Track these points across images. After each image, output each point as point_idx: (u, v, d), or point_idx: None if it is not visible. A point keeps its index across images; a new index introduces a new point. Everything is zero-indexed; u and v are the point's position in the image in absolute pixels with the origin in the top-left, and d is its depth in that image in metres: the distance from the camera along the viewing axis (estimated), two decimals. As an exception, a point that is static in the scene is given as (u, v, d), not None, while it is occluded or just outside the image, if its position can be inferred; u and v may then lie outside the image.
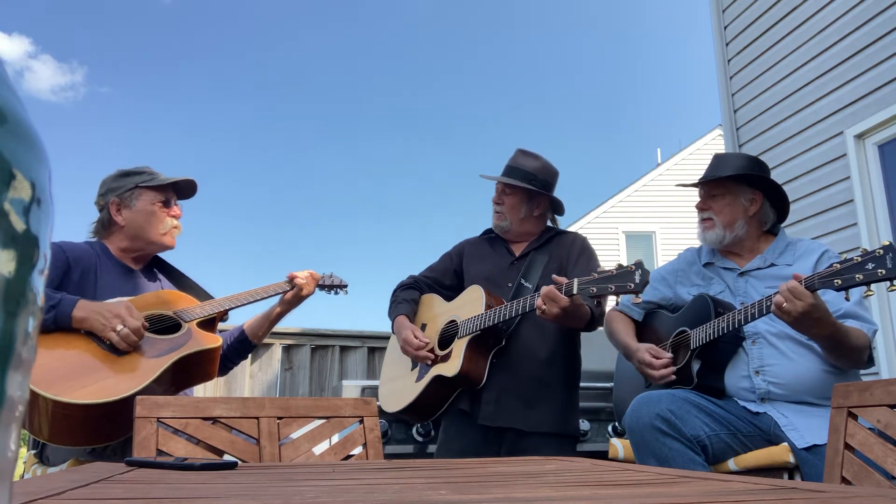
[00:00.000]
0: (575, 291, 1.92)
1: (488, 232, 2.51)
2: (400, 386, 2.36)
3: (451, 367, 2.16)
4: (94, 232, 2.10)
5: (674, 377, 2.03)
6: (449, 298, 2.44)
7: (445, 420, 2.34)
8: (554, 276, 1.99)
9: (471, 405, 2.22)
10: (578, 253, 2.33)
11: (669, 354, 2.07)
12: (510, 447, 2.16)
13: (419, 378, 2.28)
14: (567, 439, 2.24)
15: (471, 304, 2.25)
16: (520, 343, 2.22)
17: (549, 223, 2.47)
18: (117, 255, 2.05)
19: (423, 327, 2.41)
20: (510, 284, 2.31)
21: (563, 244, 2.37)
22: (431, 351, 2.26)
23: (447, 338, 2.27)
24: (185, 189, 2.14)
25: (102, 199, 2.07)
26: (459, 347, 2.18)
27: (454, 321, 2.28)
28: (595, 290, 1.89)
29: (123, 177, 2.07)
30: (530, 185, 2.32)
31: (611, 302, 2.34)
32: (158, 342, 1.85)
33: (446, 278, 2.50)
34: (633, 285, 1.83)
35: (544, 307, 1.94)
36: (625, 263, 1.99)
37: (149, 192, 2.05)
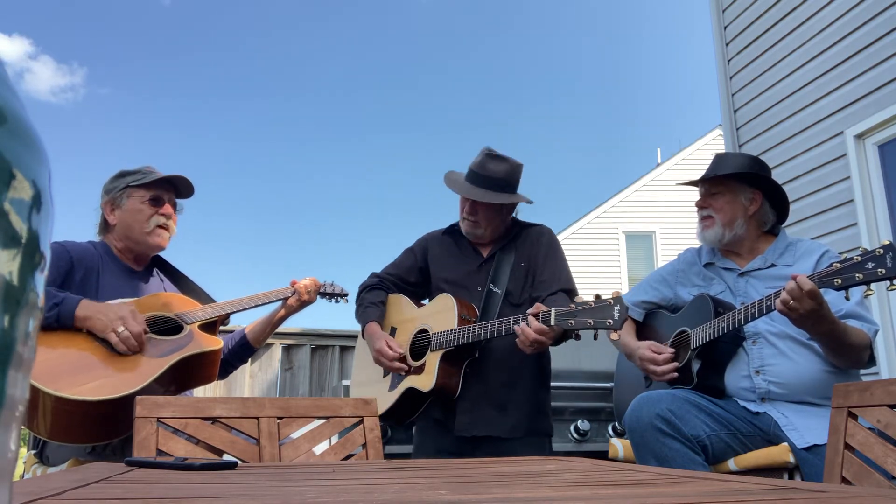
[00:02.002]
0: (552, 323, 1.90)
1: (453, 227, 2.43)
2: (372, 392, 2.33)
3: (425, 382, 2.13)
4: (98, 233, 2.11)
5: (676, 374, 2.03)
6: (416, 296, 2.41)
7: (419, 425, 2.31)
8: (531, 310, 1.97)
9: (444, 414, 2.19)
10: (545, 254, 2.28)
11: (671, 350, 2.07)
12: (485, 453, 2.13)
13: (392, 387, 2.25)
14: (543, 439, 2.21)
15: (443, 315, 2.20)
16: (491, 352, 2.20)
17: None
18: (118, 255, 2.05)
19: (393, 331, 2.36)
20: (479, 289, 2.26)
21: (529, 239, 2.32)
22: (404, 360, 2.22)
23: (419, 348, 2.23)
24: (181, 187, 2.12)
25: (101, 200, 2.08)
26: (433, 362, 2.15)
27: (426, 331, 2.23)
28: (573, 323, 1.87)
29: (119, 177, 2.07)
30: (503, 195, 2.23)
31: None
32: (160, 343, 1.85)
33: (411, 275, 2.43)
34: (611, 322, 1.82)
35: (537, 339, 1.93)
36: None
37: (138, 190, 2.04)
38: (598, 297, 1.89)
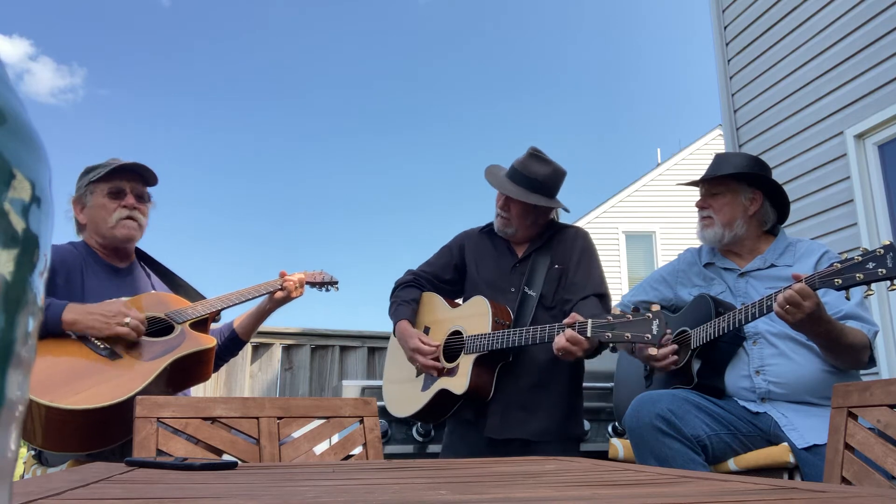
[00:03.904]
0: (589, 335, 1.89)
1: (489, 226, 2.43)
2: (406, 392, 2.33)
3: (458, 384, 2.13)
4: (77, 233, 2.07)
5: (676, 357, 2.01)
6: (451, 294, 2.41)
7: (451, 424, 2.32)
8: (567, 320, 1.95)
9: (475, 416, 2.19)
10: (579, 256, 2.28)
11: (671, 344, 2.05)
12: (515, 454, 2.11)
13: (425, 388, 2.25)
14: (571, 442, 2.21)
15: (477, 319, 2.20)
16: (524, 354, 2.19)
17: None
18: (99, 253, 2.01)
19: (426, 331, 2.36)
20: (513, 290, 2.27)
21: (565, 242, 2.31)
22: (437, 360, 2.22)
23: (452, 350, 2.23)
24: (140, 174, 2.04)
25: (71, 200, 2.05)
26: (466, 364, 2.15)
27: (459, 333, 2.23)
28: (610, 336, 1.86)
29: (83, 175, 2.03)
30: (540, 197, 2.23)
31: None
32: (152, 345, 1.84)
33: (446, 273, 2.44)
34: (650, 337, 1.80)
35: (566, 347, 1.92)
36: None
37: (99, 185, 1.99)
38: (636, 309, 1.87)
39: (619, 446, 2.35)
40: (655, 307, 1.85)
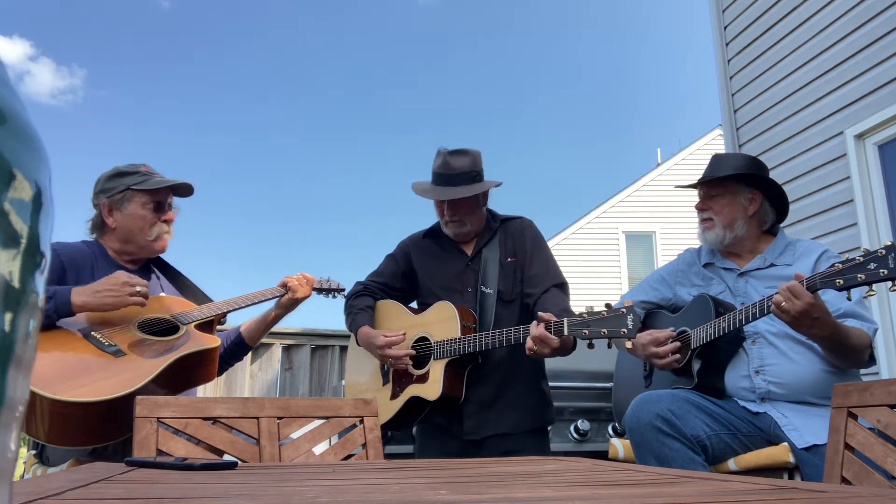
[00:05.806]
0: (566, 333, 1.91)
1: (432, 229, 2.43)
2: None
3: (431, 391, 2.14)
4: (89, 230, 2.07)
5: (678, 355, 2.03)
6: (404, 300, 2.41)
7: (421, 429, 2.32)
8: (540, 313, 1.97)
9: (448, 421, 2.20)
10: (532, 248, 2.28)
11: (669, 331, 2.07)
12: (490, 450, 2.14)
13: (394, 396, 2.25)
14: (542, 432, 2.24)
15: (443, 324, 2.20)
16: (491, 354, 2.20)
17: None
18: (113, 255, 2.03)
19: None
20: (470, 289, 2.27)
21: (512, 234, 2.31)
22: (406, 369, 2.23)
23: (421, 356, 2.23)
24: (181, 189, 2.09)
25: (96, 198, 2.03)
26: (437, 370, 2.15)
27: (425, 339, 2.23)
28: (587, 332, 1.88)
29: (117, 177, 2.02)
30: (477, 186, 2.23)
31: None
32: (156, 343, 1.85)
33: (396, 281, 2.43)
34: (626, 331, 1.83)
35: (535, 348, 1.94)
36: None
37: (140, 194, 1.99)
38: (608, 305, 1.89)
39: (619, 446, 2.35)
40: (628, 302, 1.87)
